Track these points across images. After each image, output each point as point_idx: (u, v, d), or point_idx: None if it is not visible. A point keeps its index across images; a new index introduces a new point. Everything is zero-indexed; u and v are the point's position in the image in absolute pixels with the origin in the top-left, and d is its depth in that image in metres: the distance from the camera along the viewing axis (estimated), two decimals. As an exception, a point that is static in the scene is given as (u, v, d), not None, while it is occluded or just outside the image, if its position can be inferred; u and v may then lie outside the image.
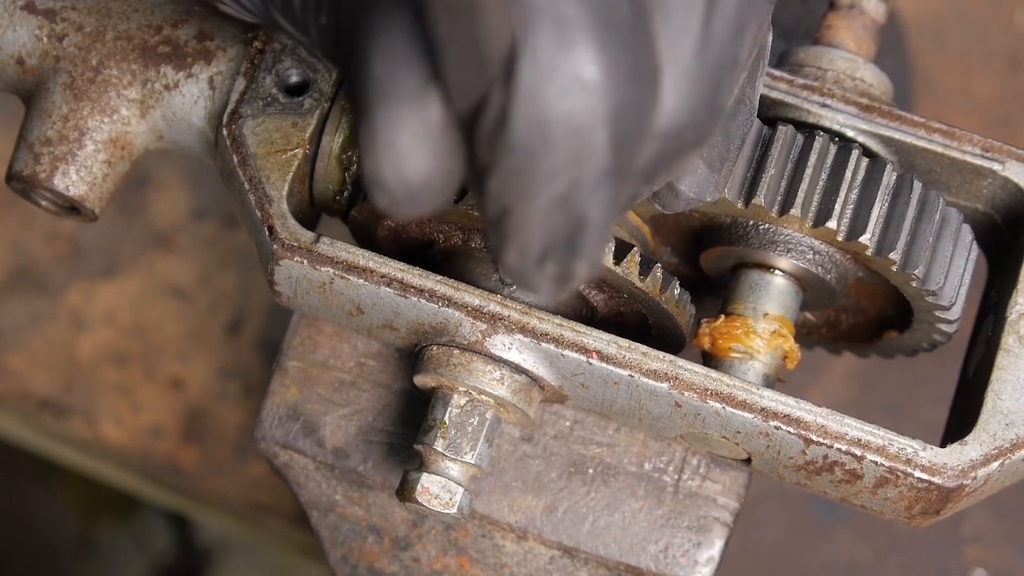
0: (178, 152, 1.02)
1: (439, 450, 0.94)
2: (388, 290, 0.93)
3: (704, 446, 0.97)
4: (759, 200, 0.93)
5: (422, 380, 0.97)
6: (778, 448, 0.92)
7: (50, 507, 2.33)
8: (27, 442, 1.75)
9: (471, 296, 0.93)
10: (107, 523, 2.34)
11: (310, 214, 1.00)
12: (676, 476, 1.03)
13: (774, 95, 0.98)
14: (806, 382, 1.52)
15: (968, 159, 0.97)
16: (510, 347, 0.93)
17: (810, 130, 0.96)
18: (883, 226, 0.93)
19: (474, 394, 0.95)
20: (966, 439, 0.91)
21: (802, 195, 0.93)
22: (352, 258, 0.93)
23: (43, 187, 0.98)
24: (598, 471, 1.04)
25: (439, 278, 0.93)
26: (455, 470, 0.95)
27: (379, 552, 1.06)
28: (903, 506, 0.92)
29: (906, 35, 1.59)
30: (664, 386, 0.92)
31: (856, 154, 0.94)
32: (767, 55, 0.86)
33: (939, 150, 0.97)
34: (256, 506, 1.59)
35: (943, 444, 0.91)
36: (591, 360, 0.92)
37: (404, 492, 0.94)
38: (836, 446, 0.90)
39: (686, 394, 0.91)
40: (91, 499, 2.31)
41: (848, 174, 0.93)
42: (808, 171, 0.93)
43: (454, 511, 0.94)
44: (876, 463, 0.90)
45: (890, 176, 0.94)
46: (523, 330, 0.93)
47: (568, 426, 1.04)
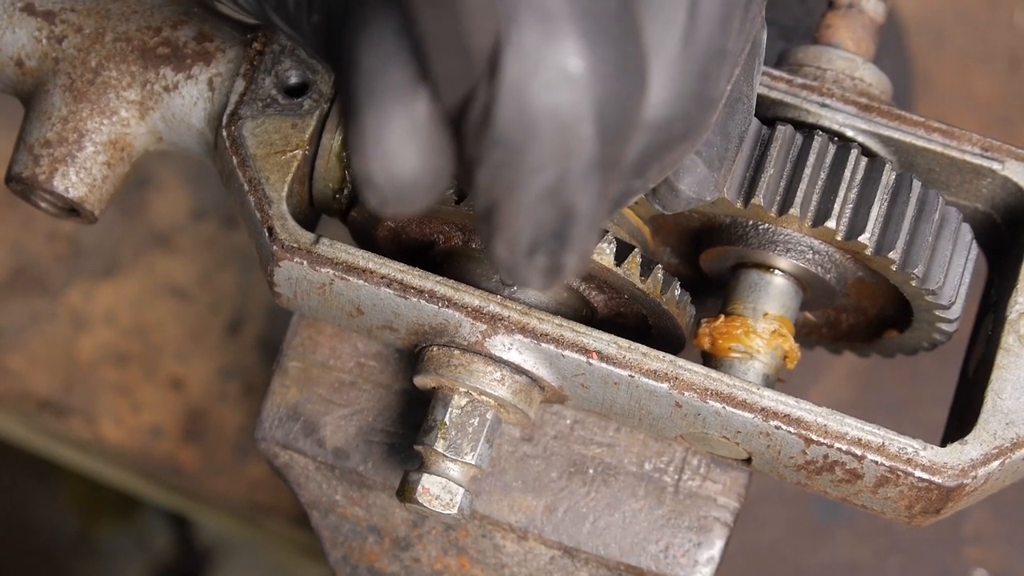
0: (178, 153, 1.02)
1: (439, 451, 0.94)
2: (388, 291, 0.93)
3: (704, 446, 0.97)
4: (758, 200, 0.93)
5: (422, 381, 0.97)
6: (778, 448, 0.92)
7: (50, 507, 2.32)
8: (27, 442, 1.75)
9: (471, 297, 0.93)
10: (107, 523, 2.33)
11: (310, 215, 1.00)
12: (676, 476, 1.03)
13: (773, 95, 0.98)
14: (806, 382, 1.52)
15: (967, 158, 0.97)
16: (510, 348, 0.93)
17: (809, 130, 0.96)
18: (882, 225, 0.93)
19: (474, 395, 0.95)
20: (966, 438, 0.91)
21: (801, 195, 0.93)
22: (352, 259, 0.93)
23: (42, 189, 0.97)
24: (598, 471, 1.04)
25: (439, 279, 0.93)
26: (455, 471, 0.94)
27: (379, 552, 1.06)
28: (903, 505, 0.92)
29: (906, 35, 1.59)
30: (664, 386, 0.92)
31: (855, 153, 0.94)
32: (762, 53, 0.85)
33: (938, 149, 0.97)
34: (256, 506, 1.59)
35: (943, 443, 0.91)
36: (591, 360, 0.92)
37: (404, 493, 0.94)
38: (836, 446, 0.90)
39: (686, 394, 0.91)
40: (91, 499, 2.31)
41: (847, 173, 0.93)
42: (807, 171, 0.93)
43: (454, 512, 0.94)
44: (876, 463, 0.90)
45: (889, 175, 0.94)
46: (523, 331, 0.93)
47: (568, 426, 1.04)
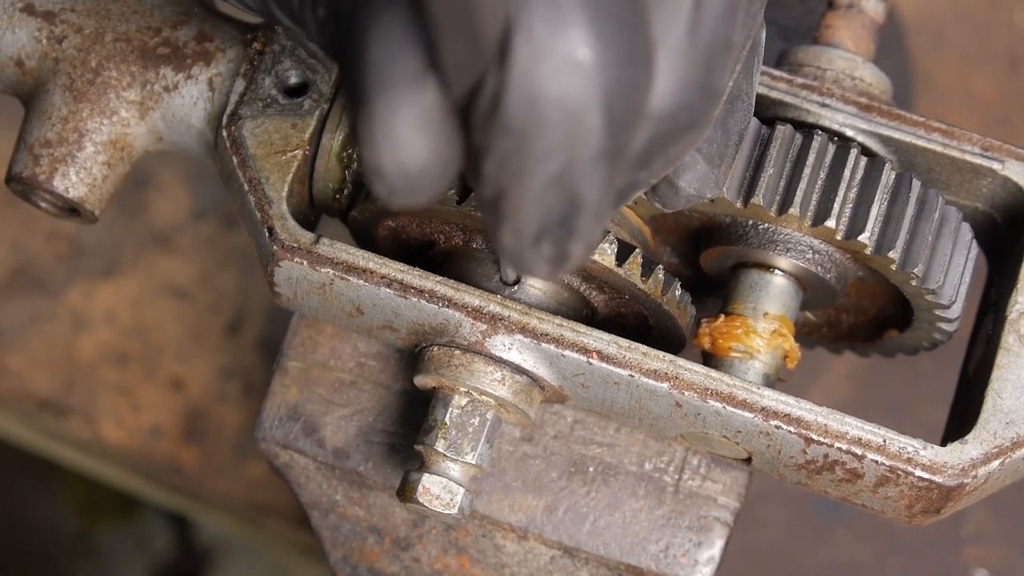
0: (178, 153, 1.02)
1: (440, 451, 0.94)
2: (388, 291, 0.93)
3: (705, 446, 0.97)
4: (758, 199, 0.93)
5: (422, 381, 0.97)
6: (779, 447, 0.92)
7: (50, 507, 2.32)
8: (27, 442, 1.75)
9: (471, 297, 0.93)
10: (107, 523, 2.33)
11: (310, 215, 1.00)
12: (676, 476, 1.03)
13: (774, 95, 0.98)
14: (807, 382, 1.53)
15: (967, 158, 0.97)
16: (510, 347, 0.93)
17: (808, 130, 0.96)
18: (882, 225, 0.93)
19: (475, 395, 0.95)
20: (966, 438, 0.91)
21: (801, 194, 0.93)
22: (352, 259, 0.93)
23: (43, 189, 0.97)
24: (598, 471, 1.04)
25: (439, 279, 0.93)
26: (456, 471, 0.94)
27: (380, 552, 1.06)
28: (904, 505, 0.92)
29: (906, 35, 1.59)
30: (664, 386, 0.92)
31: (855, 153, 0.94)
32: (761, 51, 0.86)
33: (938, 149, 0.97)
34: (256, 506, 1.59)
35: (943, 443, 0.91)
36: (591, 360, 0.92)
37: (405, 493, 0.94)
38: (837, 445, 0.90)
39: (686, 394, 0.91)
40: (91, 499, 2.31)
41: (847, 173, 0.93)
42: (807, 170, 0.93)
43: (455, 512, 0.94)
44: (877, 462, 0.90)
45: (889, 175, 0.94)
46: (523, 330, 0.93)
47: (568, 426, 1.04)
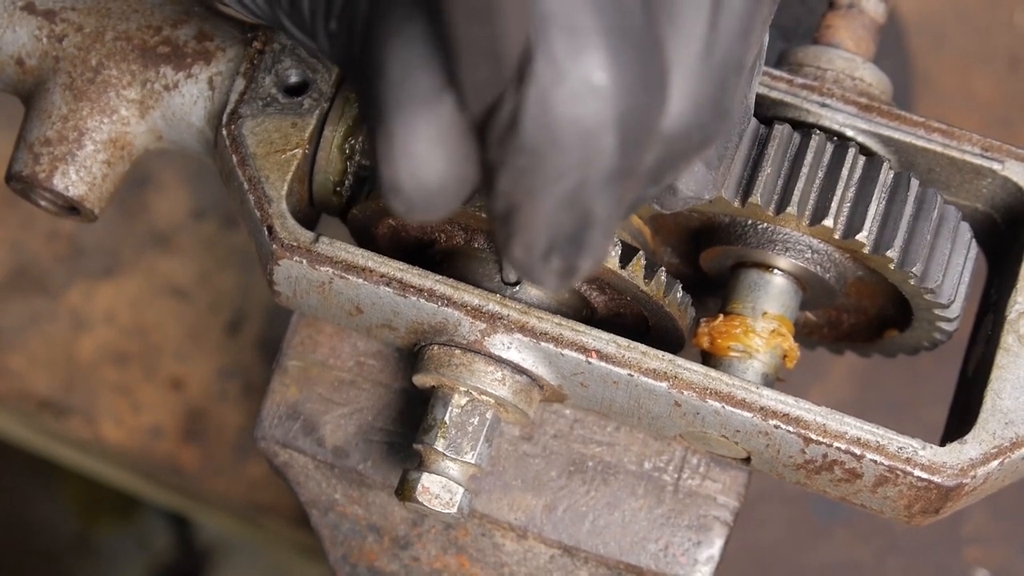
0: (178, 152, 1.02)
1: (440, 450, 0.94)
2: (387, 289, 0.93)
3: (704, 445, 0.97)
4: (755, 199, 0.93)
5: (421, 379, 0.96)
6: (777, 447, 0.92)
7: (50, 507, 2.32)
8: (27, 442, 1.75)
9: (470, 295, 0.93)
10: (107, 523, 2.33)
11: (309, 214, 1.00)
12: (676, 475, 1.03)
13: (774, 95, 0.98)
14: (808, 382, 1.53)
15: (967, 158, 0.97)
16: (509, 346, 0.93)
17: (807, 129, 0.96)
18: (880, 224, 0.93)
19: (475, 394, 0.95)
20: (965, 438, 0.91)
21: (798, 193, 0.93)
22: (351, 258, 0.93)
23: (43, 187, 0.98)
24: (598, 470, 1.04)
25: (438, 277, 0.93)
26: (455, 470, 0.94)
27: (379, 551, 1.06)
28: (903, 505, 0.92)
29: (906, 35, 1.59)
30: (663, 385, 0.92)
31: (853, 152, 0.94)
32: (764, 54, 0.86)
33: (938, 149, 0.97)
34: (256, 506, 1.59)
35: (943, 443, 0.91)
36: (590, 359, 0.92)
37: (404, 492, 0.94)
38: (835, 445, 0.90)
39: (685, 393, 0.91)
40: (91, 499, 2.31)
41: (845, 172, 0.93)
42: (805, 169, 0.93)
43: (454, 511, 0.94)
44: (875, 462, 0.90)
45: (887, 174, 0.94)
46: (522, 329, 0.92)
47: (568, 425, 1.04)
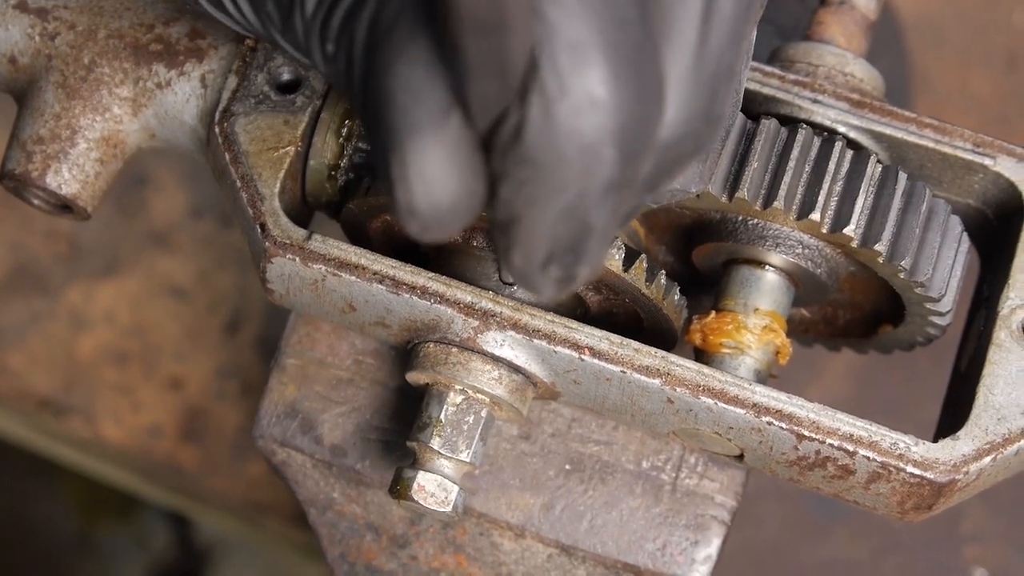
0: (171, 150, 1.03)
1: (435, 448, 0.94)
2: (380, 287, 0.93)
3: (697, 442, 0.97)
4: (742, 193, 0.93)
5: (416, 377, 0.96)
6: (770, 444, 0.92)
7: (50, 507, 2.33)
8: (27, 441, 1.75)
9: (463, 293, 0.93)
10: (107, 522, 2.33)
11: (302, 212, 1.00)
12: (674, 474, 1.03)
13: (766, 91, 0.98)
14: (806, 381, 1.53)
15: (959, 154, 0.97)
16: (502, 343, 0.93)
17: (795, 124, 0.96)
18: (868, 217, 0.93)
19: (470, 392, 0.95)
20: (958, 434, 0.91)
21: (785, 187, 0.93)
22: (344, 255, 0.93)
23: (35, 185, 0.98)
24: (596, 469, 1.04)
25: (431, 275, 0.93)
26: (450, 468, 0.94)
27: (377, 550, 1.06)
28: (895, 501, 0.92)
29: (904, 34, 1.59)
30: (656, 382, 0.92)
31: (840, 146, 0.94)
32: (751, 49, 0.86)
33: (930, 145, 0.97)
34: (255, 505, 1.59)
35: (935, 439, 0.91)
36: (583, 356, 0.92)
37: (399, 490, 0.94)
38: (828, 441, 0.90)
39: (678, 390, 0.91)
40: (91, 499, 2.31)
41: (832, 166, 0.93)
42: (791, 163, 0.93)
43: (449, 509, 0.94)
44: (868, 458, 0.90)
45: (875, 168, 0.94)
46: (515, 326, 0.92)
47: (566, 424, 1.04)
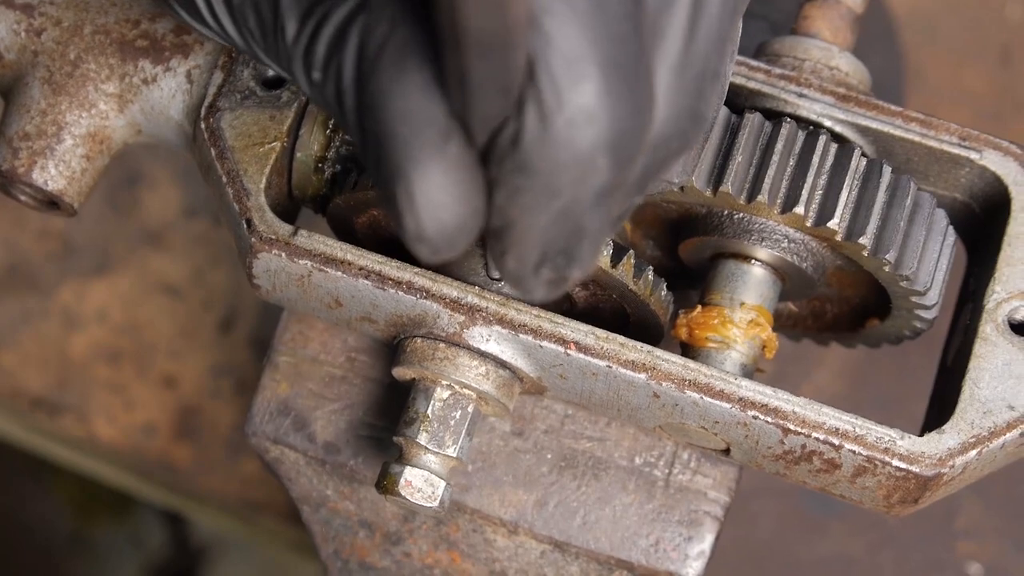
0: (158, 146, 1.03)
1: (422, 443, 0.94)
2: (366, 282, 0.93)
3: (683, 436, 0.97)
4: (727, 187, 0.93)
5: (402, 372, 0.96)
6: (756, 438, 0.92)
7: (44, 505, 2.33)
8: (20, 440, 1.75)
9: (449, 288, 0.93)
10: (101, 521, 2.33)
11: (289, 207, 1.00)
12: (667, 470, 1.03)
13: (752, 85, 0.98)
14: (798, 377, 1.52)
15: (945, 148, 0.97)
16: (488, 339, 0.93)
17: (779, 117, 0.96)
18: (852, 211, 0.93)
19: (456, 387, 0.95)
20: (944, 427, 0.91)
21: (769, 181, 0.93)
22: (330, 251, 0.93)
23: (22, 182, 0.98)
24: (589, 465, 1.04)
25: (417, 270, 0.93)
26: (437, 463, 0.94)
27: (370, 547, 1.06)
28: (882, 495, 0.92)
29: (897, 29, 1.59)
30: (642, 376, 0.92)
31: (824, 140, 0.94)
32: (736, 47, 0.86)
33: (916, 139, 0.97)
34: (250, 503, 1.59)
35: (922, 433, 0.91)
36: (569, 351, 0.92)
37: (386, 485, 0.94)
38: (814, 435, 0.90)
39: (664, 384, 0.91)
40: (85, 497, 2.31)
41: (816, 160, 0.93)
42: (775, 157, 0.93)
43: (436, 504, 0.94)
44: (854, 452, 0.90)
45: (859, 161, 0.94)
46: (501, 321, 0.92)
47: (559, 420, 1.04)
